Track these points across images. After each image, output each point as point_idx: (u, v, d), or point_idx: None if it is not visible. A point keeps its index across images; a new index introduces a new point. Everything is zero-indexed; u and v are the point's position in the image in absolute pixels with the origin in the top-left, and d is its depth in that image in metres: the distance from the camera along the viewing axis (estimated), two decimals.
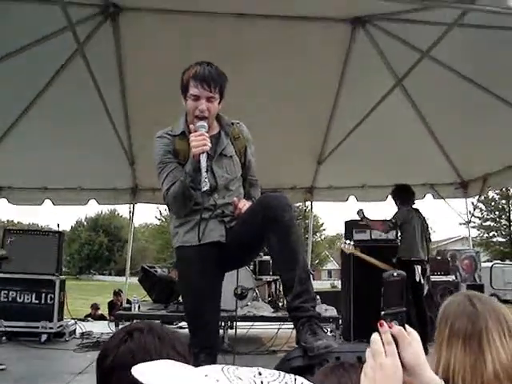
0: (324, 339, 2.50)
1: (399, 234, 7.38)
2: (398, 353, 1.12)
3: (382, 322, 1.15)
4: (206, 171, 2.88)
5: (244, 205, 3.11)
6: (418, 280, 6.82)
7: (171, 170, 3.10)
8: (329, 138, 8.80)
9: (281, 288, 7.90)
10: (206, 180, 2.85)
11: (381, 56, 7.15)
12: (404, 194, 7.25)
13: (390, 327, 1.14)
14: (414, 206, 7.28)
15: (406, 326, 1.18)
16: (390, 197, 7.84)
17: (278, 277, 7.73)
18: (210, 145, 2.92)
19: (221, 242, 3.12)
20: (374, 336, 1.14)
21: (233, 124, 3.30)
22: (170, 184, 3.05)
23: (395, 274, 1.25)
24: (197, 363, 2.89)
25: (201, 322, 3.10)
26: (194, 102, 3.02)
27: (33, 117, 7.85)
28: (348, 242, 7.47)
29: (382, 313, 1.19)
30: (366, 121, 7.85)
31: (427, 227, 7.38)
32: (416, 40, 6.57)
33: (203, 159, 2.88)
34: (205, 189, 2.86)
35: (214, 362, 3.03)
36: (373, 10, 6.44)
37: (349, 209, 10.17)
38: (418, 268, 6.86)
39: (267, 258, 7.91)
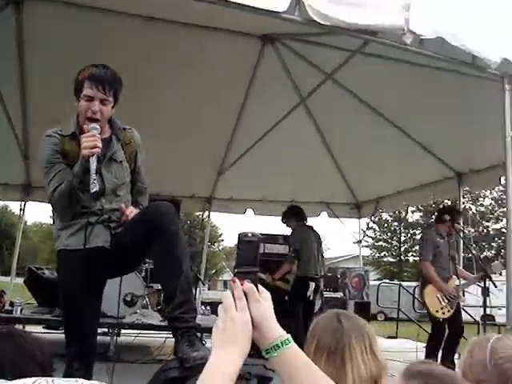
0: (201, 350, 2.49)
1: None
2: (248, 308, 1.19)
3: (235, 278, 1.22)
4: (96, 173, 2.82)
5: (131, 212, 3.07)
6: (308, 295, 6.98)
7: (59, 170, 3.00)
8: (231, 150, 8.85)
9: None
10: (95, 182, 2.78)
11: (287, 74, 7.31)
12: (296, 214, 7.43)
13: (241, 284, 1.21)
14: (307, 224, 7.46)
15: (259, 286, 1.24)
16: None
17: None
18: (100, 146, 2.87)
19: (105, 248, 3.05)
20: (227, 292, 1.21)
21: (125, 129, 3.26)
22: (57, 184, 2.96)
23: (250, 234, 1.29)
24: (71, 371, 2.82)
25: (78, 329, 3.02)
26: (87, 102, 2.98)
27: None
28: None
29: (235, 270, 1.25)
30: (269, 136, 7.99)
31: (321, 244, 7.59)
32: (321, 62, 6.77)
33: (93, 161, 2.82)
34: (93, 190, 2.78)
35: (88, 370, 2.95)
36: (282, 29, 6.56)
37: (247, 221, 10.27)
38: (312, 284, 7.04)
39: None
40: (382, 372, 1.62)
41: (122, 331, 7.51)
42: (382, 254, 45.03)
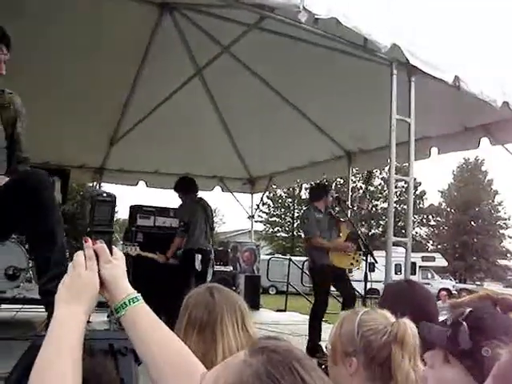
0: None
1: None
2: (98, 267, 1.20)
3: (87, 238, 1.21)
4: None
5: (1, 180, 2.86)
6: (197, 267, 6.97)
7: None
8: (124, 120, 8.59)
9: None
10: None
11: (184, 44, 7.17)
12: (187, 186, 7.35)
13: (93, 244, 1.21)
14: (198, 196, 7.42)
15: (113, 247, 1.25)
16: None
17: None
18: None
19: None
20: (79, 251, 1.20)
21: (3, 92, 3.08)
22: None
23: (105, 194, 1.27)
24: None
25: None
26: None
27: None
28: (130, 243, 7.42)
29: (88, 229, 1.25)
30: (164, 107, 7.81)
31: (212, 216, 7.58)
32: (219, 35, 6.69)
33: None
34: None
35: None
36: None
37: (139, 194, 10.06)
38: (199, 256, 7.01)
39: None
40: None
41: (3, 306, 7.17)
42: (276, 230, 46.03)
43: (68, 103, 7.75)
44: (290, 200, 45.53)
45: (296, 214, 45.15)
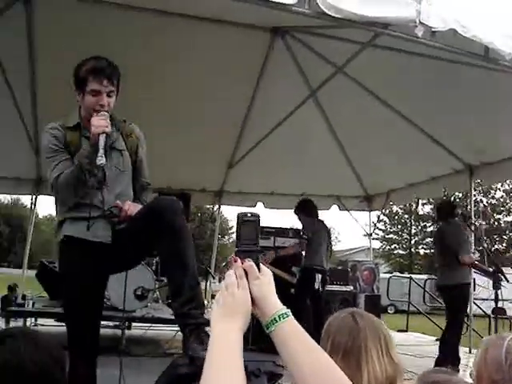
0: None
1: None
2: (248, 286, 1.24)
3: (236, 257, 1.27)
4: (105, 151, 2.85)
5: (129, 207, 3.04)
6: (316, 288, 6.96)
7: (63, 159, 3.02)
8: (241, 143, 8.82)
9: None
10: (102, 156, 2.80)
11: (297, 67, 7.27)
12: (308, 208, 7.40)
13: (242, 263, 1.25)
14: (319, 218, 7.44)
15: (261, 265, 1.29)
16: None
17: None
18: (110, 127, 2.90)
19: (106, 244, 3.06)
20: (230, 271, 1.25)
21: (125, 121, 3.30)
22: (60, 172, 2.96)
23: (249, 214, 1.32)
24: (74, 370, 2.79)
25: (79, 321, 3.03)
26: (95, 97, 2.99)
27: None
28: None
29: (235, 249, 1.29)
30: (279, 129, 7.96)
31: (330, 237, 7.58)
32: (332, 55, 6.72)
33: (102, 139, 2.84)
34: (100, 163, 2.80)
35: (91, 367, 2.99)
36: (292, 22, 6.52)
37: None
38: (319, 276, 7.01)
39: None
40: (398, 374, 1.59)
41: (133, 325, 7.55)
42: (393, 247, 44.91)
43: (187, 129, 8.11)
44: (406, 216, 44.30)
45: (413, 231, 43.87)
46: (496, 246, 39.40)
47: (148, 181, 3.47)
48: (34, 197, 9.50)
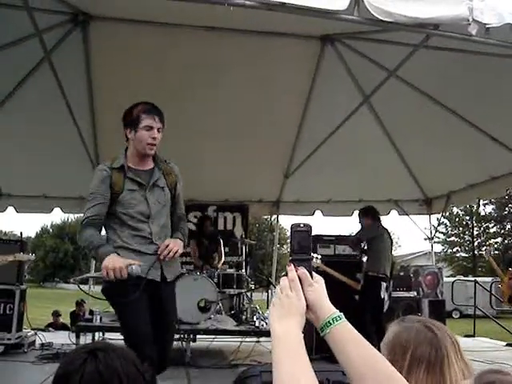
0: None
1: (366, 249, 7.40)
2: (302, 290, 1.30)
3: (291, 264, 1.33)
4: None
5: (168, 244, 3.39)
6: (382, 297, 6.87)
7: (99, 202, 3.41)
8: (296, 152, 8.85)
9: (244, 302, 7.89)
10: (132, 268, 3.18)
11: (349, 73, 7.26)
12: (371, 214, 7.32)
13: (296, 270, 1.31)
14: (382, 225, 7.34)
15: (313, 273, 1.34)
16: (355, 212, 7.92)
17: (241, 290, 7.73)
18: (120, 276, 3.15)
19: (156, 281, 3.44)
20: (283, 277, 1.32)
21: (166, 162, 3.69)
22: (91, 215, 3.41)
23: (302, 225, 1.39)
24: None
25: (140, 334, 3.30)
26: (148, 131, 3.42)
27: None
28: (315, 255, 7.52)
29: (290, 258, 1.36)
30: (334, 136, 7.95)
31: (391, 244, 7.47)
32: (383, 59, 6.68)
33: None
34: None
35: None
36: (341, 29, 6.52)
37: (315, 223, 10.19)
38: (384, 285, 6.92)
39: (231, 271, 7.91)
40: (471, 376, 1.60)
41: (198, 337, 7.64)
42: (455, 250, 43.83)
43: (241, 142, 8.24)
44: (467, 218, 43.18)
45: (475, 232, 42.72)
46: None
47: (183, 212, 3.84)
48: None
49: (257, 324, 7.15)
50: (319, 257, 7.66)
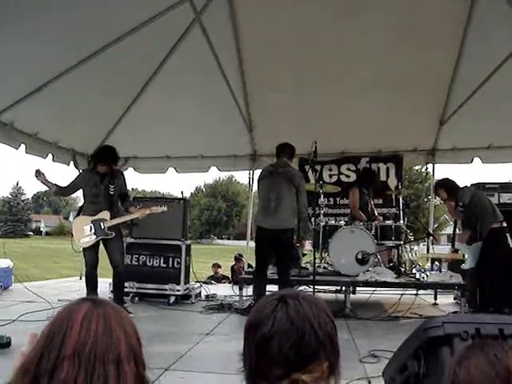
0: None
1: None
2: None
3: None
4: None
5: None
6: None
7: None
8: (451, 98, 8.34)
9: (403, 254, 7.74)
10: None
11: (510, 8, 6.65)
12: (448, 185, 6.84)
13: None
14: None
15: None
16: None
17: (399, 242, 7.57)
18: None
19: None
20: None
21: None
22: None
23: None
24: None
25: None
26: None
27: (154, 89, 8.20)
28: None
29: None
30: (492, 78, 7.37)
31: None
32: None
33: None
34: None
35: None
36: None
37: (472, 171, 9.68)
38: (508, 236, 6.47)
39: (389, 222, 7.75)
40: None
41: (357, 289, 7.65)
42: None
43: (393, 91, 8.02)
44: None
45: None
46: None
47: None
48: (251, 172, 10.02)
49: (417, 276, 6.99)
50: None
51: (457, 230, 7.07)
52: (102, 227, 6.35)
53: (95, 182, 6.42)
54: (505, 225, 6.51)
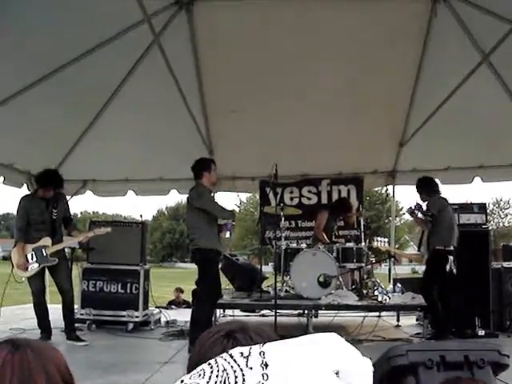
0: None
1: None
2: None
3: None
4: None
5: None
6: (448, 269, 6.49)
7: None
8: (411, 120, 8.43)
9: (365, 276, 7.71)
10: None
11: (464, 30, 6.79)
12: (429, 186, 6.92)
13: None
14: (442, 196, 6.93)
15: None
16: (476, 179, 7.50)
17: (361, 264, 7.54)
18: None
19: None
20: None
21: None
22: None
23: None
24: None
25: None
26: None
27: (112, 110, 8.06)
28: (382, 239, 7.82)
29: None
30: (451, 100, 7.48)
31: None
32: (504, 10, 6.18)
33: None
34: None
35: None
36: None
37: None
38: (451, 258, 6.54)
39: (351, 245, 7.73)
40: None
41: (319, 312, 7.57)
42: None
43: (354, 112, 8.05)
44: None
45: None
46: None
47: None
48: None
49: (379, 298, 6.96)
50: (386, 240, 7.85)
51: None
52: (44, 254, 6.16)
53: (41, 210, 6.23)
54: (449, 248, 6.58)
